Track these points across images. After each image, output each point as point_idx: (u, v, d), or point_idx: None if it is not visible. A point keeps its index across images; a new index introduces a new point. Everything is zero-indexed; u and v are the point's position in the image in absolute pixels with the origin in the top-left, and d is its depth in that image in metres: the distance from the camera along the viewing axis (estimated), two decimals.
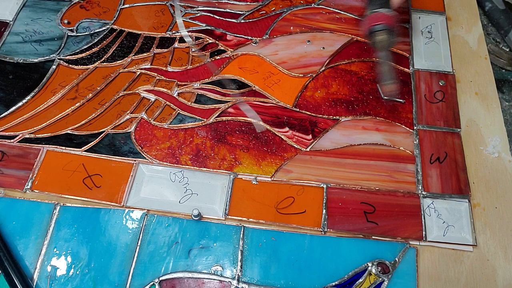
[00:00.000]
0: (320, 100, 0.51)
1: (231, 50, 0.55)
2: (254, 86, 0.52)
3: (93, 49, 0.55)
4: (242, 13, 0.59)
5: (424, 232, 0.43)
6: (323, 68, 0.54)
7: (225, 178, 0.46)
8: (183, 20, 0.58)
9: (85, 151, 0.47)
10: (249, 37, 0.56)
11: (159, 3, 0.60)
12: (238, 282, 0.41)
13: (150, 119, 0.50)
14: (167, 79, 0.53)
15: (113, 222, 0.43)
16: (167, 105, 0.51)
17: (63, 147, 0.47)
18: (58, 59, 0.54)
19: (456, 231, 0.43)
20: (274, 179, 0.46)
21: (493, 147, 0.48)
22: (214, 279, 0.41)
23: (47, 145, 0.47)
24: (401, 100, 0.51)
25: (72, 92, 0.52)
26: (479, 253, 0.42)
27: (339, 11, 0.59)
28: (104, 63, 0.54)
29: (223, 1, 0.59)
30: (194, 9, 0.59)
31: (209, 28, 0.57)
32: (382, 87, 0.44)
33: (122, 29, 0.57)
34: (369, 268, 0.41)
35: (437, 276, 0.41)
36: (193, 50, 0.55)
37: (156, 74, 0.53)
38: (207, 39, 0.56)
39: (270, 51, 0.55)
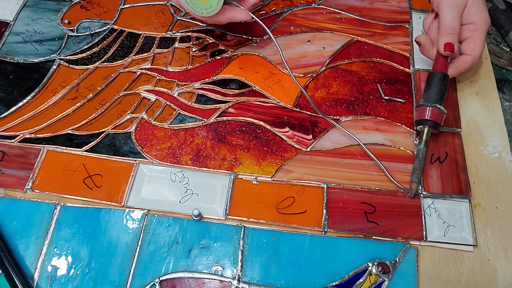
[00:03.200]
0: (321, 100, 0.51)
1: (232, 50, 0.55)
2: (254, 86, 0.52)
3: (93, 49, 0.55)
4: None
5: (424, 232, 0.43)
6: (323, 68, 0.54)
7: (225, 178, 0.46)
8: (183, 20, 0.58)
9: (85, 151, 0.47)
10: (250, 37, 0.56)
11: (159, 3, 0.60)
12: (239, 282, 0.41)
13: (150, 119, 0.50)
14: (168, 79, 0.53)
15: (114, 222, 0.43)
16: (168, 105, 0.51)
17: (64, 147, 0.47)
18: (58, 59, 0.54)
19: (456, 231, 0.43)
20: (275, 179, 0.46)
21: (494, 147, 0.48)
22: (214, 279, 0.41)
23: (48, 145, 0.47)
24: (402, 100, 0.51)
25: (73, 92, 0.52)
26: (479, 253, 0.42)
27: (339, 11, 0.59)
28: (105, 63, 0.54)
29: None
30: None
31: (209, 28, 0.57)
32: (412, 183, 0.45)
33: (123, 29, 0.57)
34: (370, 268, 0.41)
35: (438, 276, 0.41)
36: (193, 50, 0.55)
37: (156, 74, 0.53)
38: (208, 39, 0.56)
39: (270, 51, 0.55)
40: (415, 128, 0.49)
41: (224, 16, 0.48)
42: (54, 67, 0.53)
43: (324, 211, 0.44)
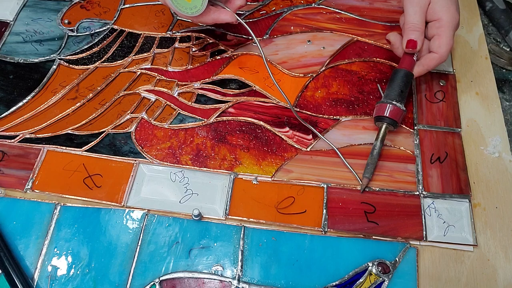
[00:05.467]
0: (321, 100, 0.51)
1: (232, 50, 0.55)
2: (254, 86, 0.52)
3: (93, 49, 0.55)
4: (242, 13, 0.59)
5: (424, 232, 0.43)
6: (323, 68, 0.54)
7: (225, 178, 0.46)
8: (183, 20, 0.58)
9: (85, 151, 0.47)
10: (249, 37, 0.56)
11: (159, 3, 0.60)
12: (239, 282, 0.41)
13: (150, 119, 0.50)
14: (168, 79, 0.53)
15: (114, 222, 0.43)
16: (168, 105, 0.51)
17: (64, 147, 0.47)
18: (58, 59, 0.54)
19: (456, 231, 0.43)
20: (275, 179, 0.46)
21: (494, 147, 0.48)
22: (214, 279, 0.41)
23: (48, 145, 0.47)
24: None
25: (73, 92, 0.52)
26: (479, 253, 0.42)
27: (339, 11, 0.59)
28: (105, 63, 0.54)
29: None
30: None
31: (209, 28, 0.57)
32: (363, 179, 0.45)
33: (123, 29, 0.57)
34: (370, 268, 0.41)
35: (438, 276, 0.41)
36: (193, 50, 0.55)
37: (156, 74, 0.53)
38: (208, 39, 0.56)
39: (270, 51, 0.55)
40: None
41: (209, 16, 0.48)
42: (54, 67, 0.53)
43: (324, 211, 0.44)
